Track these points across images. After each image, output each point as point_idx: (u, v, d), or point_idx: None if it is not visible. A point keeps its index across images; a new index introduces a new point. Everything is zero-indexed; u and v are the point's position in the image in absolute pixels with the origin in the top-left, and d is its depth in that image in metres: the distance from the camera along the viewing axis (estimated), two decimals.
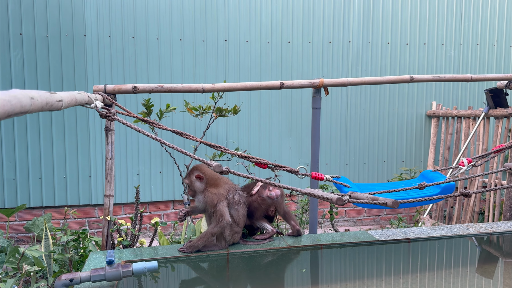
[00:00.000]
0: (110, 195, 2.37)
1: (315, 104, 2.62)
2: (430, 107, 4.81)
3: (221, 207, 2.19)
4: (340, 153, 4.62)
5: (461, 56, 4.85)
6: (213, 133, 4.27)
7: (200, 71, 4.23)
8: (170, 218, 4.32)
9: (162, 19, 4.12)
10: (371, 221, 4.85)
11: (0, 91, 0.74)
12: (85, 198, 4.08)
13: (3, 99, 0.68)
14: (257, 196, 2.36)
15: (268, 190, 2.35)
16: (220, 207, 2.19)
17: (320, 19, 4.46)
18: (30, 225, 3.69)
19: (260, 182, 2.35)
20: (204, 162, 1.59)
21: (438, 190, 2.17)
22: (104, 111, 1.51)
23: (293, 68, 4.42)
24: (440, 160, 4.65)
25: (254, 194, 2.36)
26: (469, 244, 2.62)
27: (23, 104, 0.76)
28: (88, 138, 4.03)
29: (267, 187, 2.36)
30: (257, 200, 2.36)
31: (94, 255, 2.22)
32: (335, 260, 2.40)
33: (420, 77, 2.69)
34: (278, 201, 2.41)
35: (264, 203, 2.37)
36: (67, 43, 3.94)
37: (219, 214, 2.17)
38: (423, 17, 4.72)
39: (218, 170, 1.50)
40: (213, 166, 1.49)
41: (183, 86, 2.45)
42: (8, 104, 0.69)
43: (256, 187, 2.39)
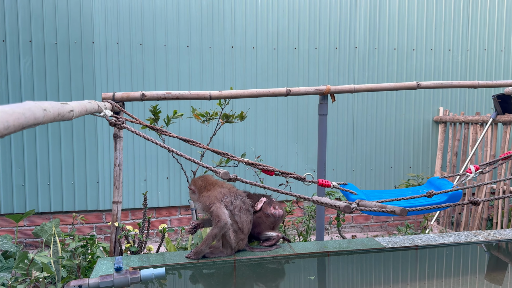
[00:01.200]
0: (118, 201, 2.38)
1: (322, 110, 2.63)
2: (437, 113, 4.80)
3: (215, 209, 2.19)
4: (347, 159, 4.62)
5: (468, 62, 4.83)
6: (220, 139, 4.28)
7: (207, 78, 4.26)
8: (177, 223, 4.33)
9: (169, 26, 4.15)
10: (378, 227, 4.83)
11: (13, 103, 0.76)
12: (92, 203, 4.11)
13: (17, 112, 0.69)
14: (261, 212, 2.44)
15: (273, 208, 2.43)
16: (213, 208, 2.20)
17: (327, 25, 4.47)
18: (38, 230, 3.72)
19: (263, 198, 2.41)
20: (212, 169, 1.60)
21: (445, 197, 2.16)
22: (114, 120, 1.53)
23: (299, 74, 4.43)
24: (448, 166, 4.63)
25: (258, 210, 2.44)
26: (477, 251, 2.60)
27: (37, 116, 0.78)
28: (96, 144, 4.07)
29: (272, 204, 2.44)
30: (262, 216, 2.44)
31: (102, 261, 2.23)
32: (343, 267, 2.39)
33: (427, 84, 2.69)
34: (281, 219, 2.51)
35: (268, 220, 2.45)
36: (76, 50, 3.98)
37: (215, 215, 2.19)
38: (430, 23, 4.72)
39: (225, 178, 1.51)
40: (220, 174, 1.50)
41: (191, 93, 2.47)
42: (22, 117, 0.71)
43: (260, 203, 2.44)
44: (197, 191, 2.30)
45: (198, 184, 2.32)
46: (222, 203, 2.22)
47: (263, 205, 2.45)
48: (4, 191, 3.93)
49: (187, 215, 4.36)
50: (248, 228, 2.30)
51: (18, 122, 0.69)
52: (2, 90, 3.86)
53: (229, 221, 2.20)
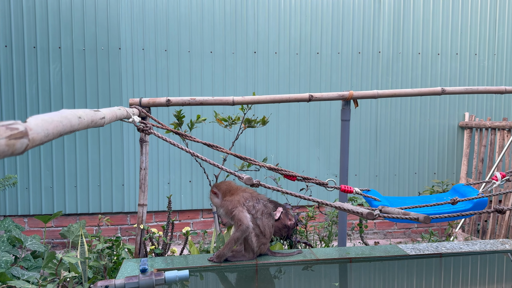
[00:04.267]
0: (144, 204, 2.44)
1: (344, 116, 2.63)
2: (463, 118, 4.72)
3: (237, 212, 2.21)
4: (370, 165, 4.58)
5: (495, 66, 4.74)
6: (242, 144, 4.32)
7: (229, 83, 4.30)
8: (199, 226, 4.38)
9: (193, 32, 4.22)
10: (401, 234, 4.77)
11: (51, 112, 0.80)
12: (118, 205, 4.20)
13: (56, 120, 0.73)
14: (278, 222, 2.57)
15: (289, 219, 2.54)
16: (236, 212, 2.22)
17: (350, 30, 4.46)
18: (65, 231, 3.83)
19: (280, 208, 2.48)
20: (235, 174, 1.62)
21: (470, 205, 2.13)
22: (142, 126, 1.58)
23: (321, 79, 4.44)
24: (473, 172, 4.54)
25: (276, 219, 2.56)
26: (504, 260, 2.55)
27: (72, 123, 0.82)
28: (122, 147, 4.16)
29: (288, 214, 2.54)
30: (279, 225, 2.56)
31: (128, 262, 2.28)
32: (365, 274, 2.38)
33: (452, 89, 2.66)
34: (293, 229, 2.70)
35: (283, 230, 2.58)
36: (103, 56, 4.09)
37: (237, 219, 2.21)
38: (455, 27, 4.65)
39: (249, 183, 1.53)
40: (244, 179, 1.53)
41: (214, 99, 2.51)
42: (60, 125, 0.75)
43: (278, 213, 2.52)
44: (221, 195, 2.34)
45: (222, 189, 2.36)
46: (245, 207, 2.24)
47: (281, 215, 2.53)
48: (34, 192, 4.05)
49: (209, 219, 4.41)
50: (270, 232, 2.31)
51: (56, 130, 0.73)
52: (33, 95, 4.00)
53: (251, 225, 2.22)
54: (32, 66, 3.99)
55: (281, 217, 2.69)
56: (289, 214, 2.56)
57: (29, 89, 3.99)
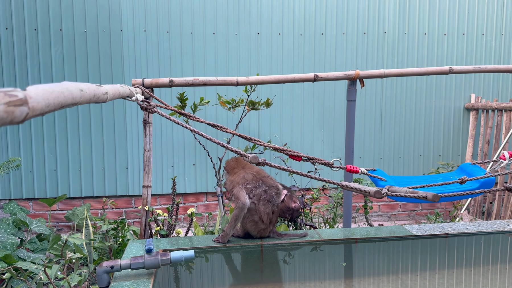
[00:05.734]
0: (148, 185, 2.43)
1: (350, 96, 2.59)
2: (469, 100, 4.66)
3: (236, 191, 2.23)
4: (374, 147, 4.55)
5: (502, 47, 4.66)
6: (245, 126, 4.29)
7: (233, 65, 4.26)
8: (203, 209, 4.39)
9: (196, 13, 4.16)
10: (405, 216, 4.77)
11: (52, 83, 0.77)
12: (122, 188, 4.20)
13: (57, 91, 0.71)
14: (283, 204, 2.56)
15: (293, 202, 2.53)
16: (234, 191, 2.23)
17: (355, 10, 4.39)
18: (70, 214, 3.84)
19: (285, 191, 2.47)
20: (241, 154, 1.60)
21: (477, 184, 2.11)
22: (145, 104, 1.55)
23: (326, 60, 4.38)
24: (479, 154, 4.50)
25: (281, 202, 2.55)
26: (510, 240, 2.53)
27: (74, 95, 0.80)
28: (125, 130, 4.14)
29: (292, 197, 2.52)
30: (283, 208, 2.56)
31: (133, 243, 2.28)
32: (370, 254, 2.38)
33: (460, 68, 2.61)
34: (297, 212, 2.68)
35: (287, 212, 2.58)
36: (105, 38, 4.05)
37: (235, 197, 2.22)
38: (462, 6, 4.56)
39: (254, 162, 1.51)
40: (249, 158, 1.51)
41: (218, 79, 2.47)
42: (61, 95, 0.72)
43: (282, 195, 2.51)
44: (229, 171, 2.35)
45: (230, 165, 2.37)
46: (242, 186, 2.23)
47: (285, 197, 2.52)
48: (38, 176, 4.06)
49: (214, 202, 4.41)
50: (269, 219, 2.26)
51: (57, 100, 0.70)
52: (35, 78, 3.96)
53: (248, 202, 2.18)
54: (33, 49, 3.96)
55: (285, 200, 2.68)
56: (293, 197, 2.55)
57: (31, 71, 3.96)
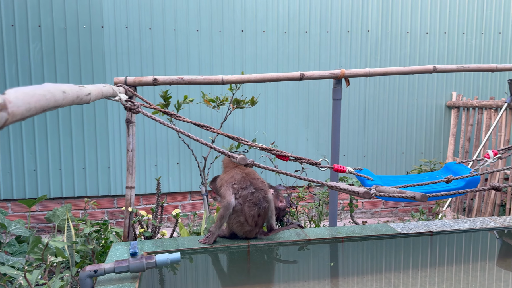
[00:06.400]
0: (132, 186, 2.38)
1: (336, 95, 2.59)
2: (450, 98, 4.72)
3: (223, 190, 2.22)
4: (358, 145, 4.57)
5: (482, 45, 4.73)
6: (230, 125, 4.26)
7: (217, 62, 4.21)
8: (188, 209, 4.34)
9: (179, 10, 4.10)
10: (388, 213, 4.81)
11: (33, 85, 0.73)
12: (104, 189, 4.12)
13: (38, 94, 0.67)
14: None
15: (280, 201, 2.50)
16: (222, 190, 2.23)
17: (338, 8, 4.39)
18: (50, 215, 3.75)
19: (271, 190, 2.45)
20: (228, 154, 1.57)
21: (463, 183, 2.13)
22: (129, 104, 1.51)
23: (310, 58, 4.37)
24: (460, 151, 4.57)
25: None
26: (493, 237, 2.57)
27: (57, 98, 0.75)
28: (107, 129, 4.06)
29: (278, 197, 2.49)
30: None
31: (117, 246, 2.23)
32: (357, 253, 2.38)
33: (444, 67, 2.63)
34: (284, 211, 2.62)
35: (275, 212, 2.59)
36: (85, 34, 3.95)
37: (222, 196, 2.21)
38: (444, 6, 4.61)
39: (242, 163, 1.49)
40: (237, 159, 1.48)
41: (203, 78, 2.43)
42: (43, 98, 0.68)
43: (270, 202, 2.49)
44: (223, 169, 2.36)
45: (225, 163, 2.37)
46: (230, 187, 2.20)
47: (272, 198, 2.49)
48: (16, 176, 3.94)
49: (198, 201, 4.37)
50: (255, 221, 2.22)
51: (39, 104, 0.66)
52: (12, 75, 3.85)
53: (233, 202, 2.16)
54: (10, 45, 3.84)
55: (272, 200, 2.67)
56: (280, 196, 2.53)
57: (8, 69, 3.84)
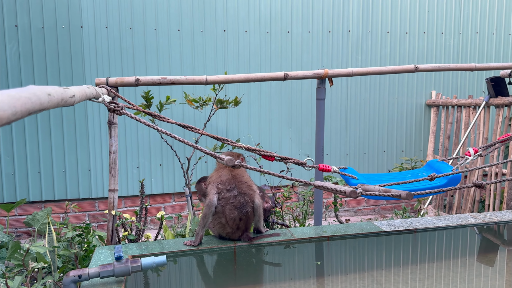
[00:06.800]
0: (115, 189, 2.34)
1: (320, 95, 2.60)
2: (430, 96, 4.80)
3: (208, 188, 2.25)
4: (341, 143, 4.61)
5: (460, 45, 4.83)
6: (213, 125, 4.24)
7: (199, 62, 4.18)
8: (171, 210, 4.30)
9: (159, 9, 4.05)
10: (371, 211, 4.86)
11: (17, 88, 0.71)
12: (85, 191, 4.05)
13: (24, 96, 0.65)
14: None
15: (265, 202, 2.50)
16: (207, 188, 2.26)
17: (320, 8, 4.41)
18: (30, 219, 3.66)
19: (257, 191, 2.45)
20: (215, 156, 1.56)
21: (445, 180, 2.16)
22: (113, 106, 1.48)
23: (292, 58, 4.38)
24: (440, 149, 4.65)
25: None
26: (474, 233, 2.63)
27: (42, 101, 0.73)
28: (87, 131, 3.99)
29: (264, 197, 2.50)
30: None
31: (100, 250, 2.19)
32: (343, 251, 2.40)
33: (425, 67, 2.67)
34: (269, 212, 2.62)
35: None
36: (64, 34, 3.87)
37: (206, 195, 2.24)
38: (423, 6, 4.69)
39: (230, 164, 1.48)
40: (225, 160, 1.47)
41: (186, 78, 2.41)
42: (29, 102, 0.66)
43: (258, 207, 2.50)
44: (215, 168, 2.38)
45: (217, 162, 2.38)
46: (215, 187, 2.21)
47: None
48: None
49: (181, 202, 4.33)
50: (236, 225, 2.21)
51: (25, 107, 0.64)
52: None
53: (215, 201, 2.17)
54: None
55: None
56: (265, 197, 2.52)
57: None
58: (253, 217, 2.27)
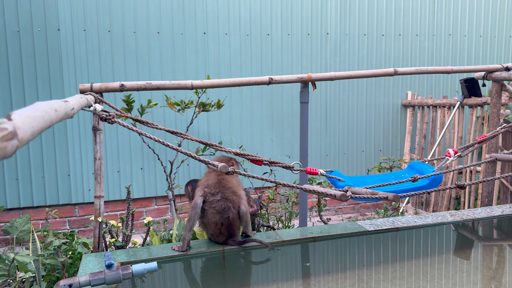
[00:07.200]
0: (101, 195, 2.32)
1: (303, 98, 2.64)
2: (406, 97, 4.93)
3: (196, 190, 2.27)
4: (321, 144, 4.68)
5: (434, 47, 4.98)
6: (195, 128, 4.23)
7: (179, 65, 4.17)
8: (153, 214, 4.27)
9: (138, 12, 4.02)
10: (351, 210, 4.96)
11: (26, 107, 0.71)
12: (64, 197, 3.98)
13: (38, 116, 0.65)
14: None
15: (251, 206, 2.53)
16: (196, 190, 2.27)
17: (299, 11, 4.47)
18: (8, 227, 3.56)
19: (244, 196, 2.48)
20: (209, 163, 1.58)
21: (427, 181, 2.24)
22: (105, 114, 1.47)
23: (272, 60, 4.43)
24: (416, 148, 4.78)
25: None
26: (453, 231, 2.72)
27: (51, 118, 0.73)
28: (66, 135, 3.92)
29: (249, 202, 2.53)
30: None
31: (87, 257, 2.17)
32: (329, 251, 2.45)
33: (404, 70, 2.75)
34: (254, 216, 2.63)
35: None
36: (40, 38, 3.79)
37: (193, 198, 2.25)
38: (398, 8, 4.81)
39: (224, 171, 1.50)
40: (219, 167, 1.49)
41: (172, 83, 2.41)
42: (42, 120, 0.66)
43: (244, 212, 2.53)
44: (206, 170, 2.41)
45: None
46: (202, 189, 2.22)
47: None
48: None
49: (163, 206, 4.31)
50: (218, 229, 2.22)
51: (39, 126, 0.64)
52: None
53: (199, 203, 2.18)
54: None
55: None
56: (250, 201, 2.54)
57: None
58: (237, 223, 2.27)
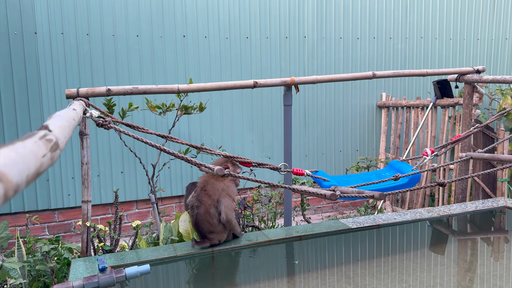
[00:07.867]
0: (88, 200, 2.32)
1: (287, 101, 2.71)
2: (381, 98, 5.08)
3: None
4: (300, 145, 4.77)
5: (407, 49, 5.15)
6: (176, 130, 4.24)
7: (159, 68, 4.18)
8: (134, 218, 4.26)
9: (117, 14, 4.01)
10: (330, 208, 5.07)
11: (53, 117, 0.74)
12: (43, 202, 3.92)
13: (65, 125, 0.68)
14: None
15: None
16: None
17: (277, 15, 4.55)
18: None
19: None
20: (206, 166, 1.62)
21: (407, 179, 2.35)
22: (101, 121, 1.49)
23: (252, 63, 4.49)
24: (391, 147, 4.94)
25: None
26: (431, 226, 2.85)
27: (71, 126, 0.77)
28: None
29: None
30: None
31: (77, 262, 2.17)
32: (315, 249, 2.52)
33: (382, 73, 2.86)
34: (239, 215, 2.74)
35: None
36: (17, 41, 3.73)
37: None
38: (372, 12, 4.95)
39: (220, 174, 1.54)
40: (215, 170, 1.53)
41: (158, 87, 2.44)
42: (68, 129, 0.69)
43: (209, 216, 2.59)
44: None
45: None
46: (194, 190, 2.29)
47: None
48: None
49: (145, 209, 4.30)
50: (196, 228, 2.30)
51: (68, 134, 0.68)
52: None
53: (188, 199, 2.31)
54: None
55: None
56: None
57: None
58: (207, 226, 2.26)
